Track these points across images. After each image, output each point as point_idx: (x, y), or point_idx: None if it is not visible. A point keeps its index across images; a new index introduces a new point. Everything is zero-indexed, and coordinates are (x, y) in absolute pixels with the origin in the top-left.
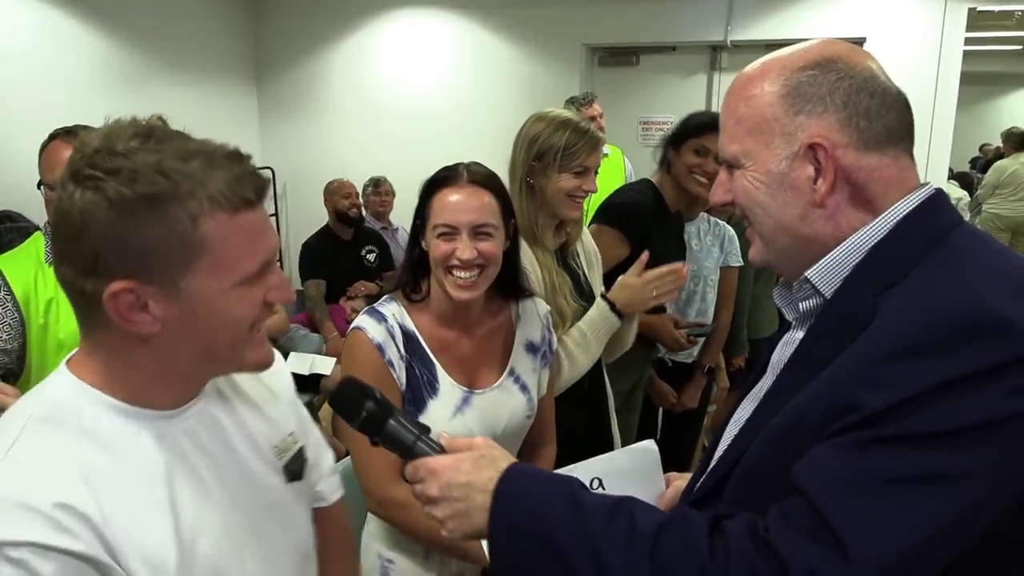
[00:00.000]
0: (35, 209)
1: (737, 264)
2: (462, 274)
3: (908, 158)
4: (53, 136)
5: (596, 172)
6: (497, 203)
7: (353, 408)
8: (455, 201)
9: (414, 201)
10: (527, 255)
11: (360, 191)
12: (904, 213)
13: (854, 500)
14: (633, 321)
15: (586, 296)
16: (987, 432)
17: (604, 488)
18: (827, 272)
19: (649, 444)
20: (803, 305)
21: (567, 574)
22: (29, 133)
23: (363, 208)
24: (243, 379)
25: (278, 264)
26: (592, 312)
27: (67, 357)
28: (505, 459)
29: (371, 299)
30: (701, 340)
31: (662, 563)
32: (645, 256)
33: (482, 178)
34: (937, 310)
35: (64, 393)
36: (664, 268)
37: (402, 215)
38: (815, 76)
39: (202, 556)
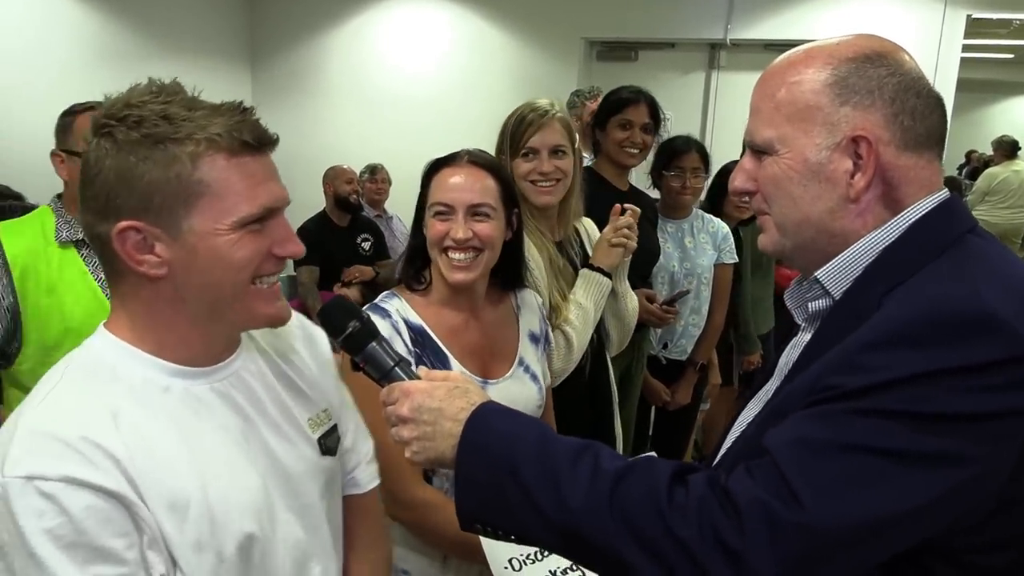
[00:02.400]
0: (20, 181)
1: (731, 261)
2: (457, 255)
3: (939, 163)
4: (81, 109)
5: (561, 151)
6: (497, 187)
7: (339, 324)
8: (453, 181)
9: (408, 189)
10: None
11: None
12: (919, 215)
13: (813, 460)
14: (625, 290)
15: None
16: (968, 425)
17: None
18: (837, 272)
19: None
20: (812, 306)
21: (530, 508)
22: (16, 110)
23: (359, 195)
24: (284, 355)
25: (286, 219)
26: (578, 280)
27: (104, 322)
28: (479, 395)
29: (367, 285)
30: (692, 320)
31: (621, 504)
32: (615, 210)
33: (483, 161)
34: (931, 303)
35: (100, 348)
36: (620, 220)
37: (396, 203)
38: (865, 68)
39: (231, 506)
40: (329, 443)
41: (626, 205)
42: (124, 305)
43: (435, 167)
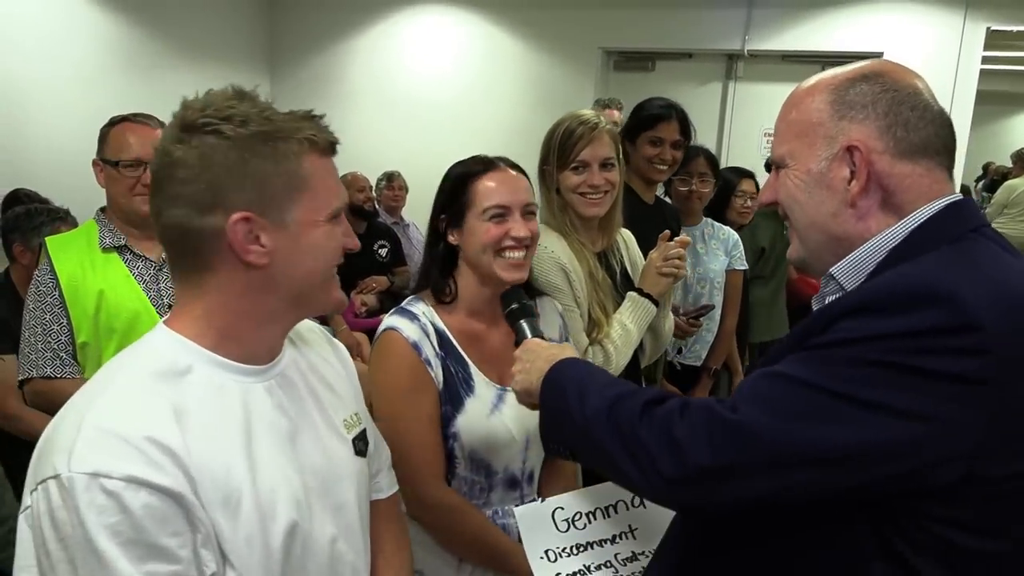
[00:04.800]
0: (43, 183)
1: (742, 268)
2: (515, 254)
3: (943, 171)
4: (118, 120)
5: (610, 164)
6: (531, 187)
7: (508, 301)
8: (503, 184)
9: (426, 196)
10: (564, 252)
11: (373, 185)
12: (926, 217)
13: (760, 385)
14: (667, 312)
15: (628, 290)
16: (905, 378)
17: (645, 507)
18: (850, 269)
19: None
20: (829, 300)
21: (570, 420)
22: (39, 115)
23: (376, 202)
24: (316, 358)
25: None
26: (624, 303)
27: (163, 318)
28: (572, 351)
29: (382, 295)
30: (705, 324)
31: (614, 415)
32: (664, 235)
33: (514, 164)
34: (892, 279)
35: (160, 344)
36: (665, 244)
37: (413, 210)
38: (860, 86)
39: (277, 499)
40: (361, 444)
41: (679, 238)
42: (202, 299)
43: (469, 176)
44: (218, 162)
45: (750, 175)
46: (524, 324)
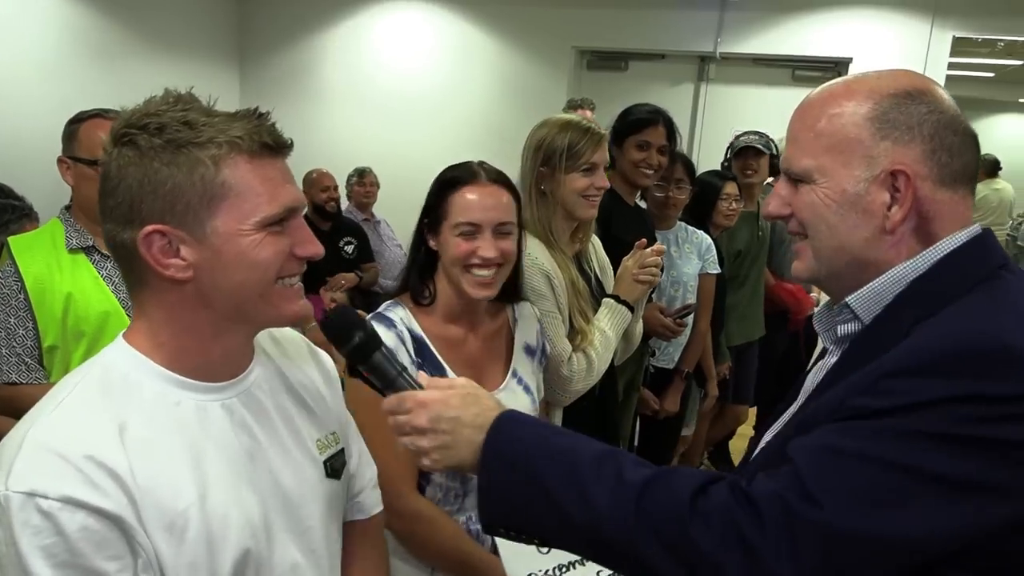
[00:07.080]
0: (7, 182)
1: (714, 272)
2: (483, 272)
3: (972, 198)
4: (87, 116)
5: (607, 168)
6: (513, 203)
7: (345, 334)
8: (477, 199)
9: (396, 192)
10: (547, 259)
11: (344, 181)
12: (951, 249)
13: (834, 467)
14: (639, 315)
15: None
16: (984, 451)
17: None
18: (868, 299)
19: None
20: (841, 329)
21: (555, 510)
22: (2, 107)
23: (348, 198)
24: (294, 374)
25: (304, 221)
26: (601, 310)
27: (122, 332)
28: (488, 398)
29: (351, 291)
30: (690, 321)
31: (646, 511)
32: (640, 243)
33: (499, 177)
34: (956, 338)
35: (115, 359)
36: (641, 251)
37: (383, 206)
38: (906, 104)
39: (229, 524)
40: (335, 465)
41: (654, 247)
42: (146, 314)
43: (450, 184)
44: (131, 174)
45: (734, 178)
46: (384, 361)
